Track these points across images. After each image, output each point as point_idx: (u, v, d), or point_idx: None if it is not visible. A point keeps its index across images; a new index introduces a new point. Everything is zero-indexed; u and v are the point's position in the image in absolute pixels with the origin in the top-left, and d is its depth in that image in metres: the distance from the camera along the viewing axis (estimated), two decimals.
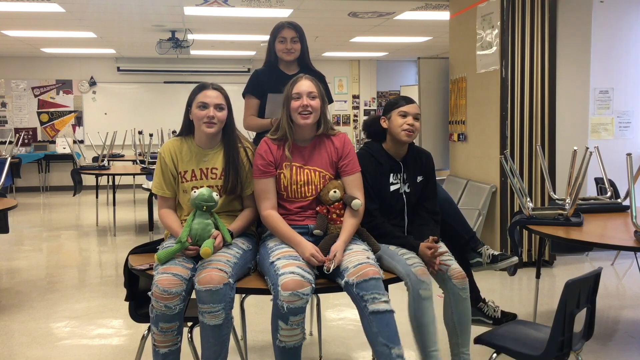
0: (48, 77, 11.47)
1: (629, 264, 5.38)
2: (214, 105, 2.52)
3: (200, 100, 2.53)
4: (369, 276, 2.24)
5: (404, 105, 2.67)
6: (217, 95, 2.55)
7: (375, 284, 2.24)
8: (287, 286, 2.16)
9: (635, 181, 3.16)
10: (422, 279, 2.42)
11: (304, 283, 2.19)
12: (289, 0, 6.46)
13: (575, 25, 5.59)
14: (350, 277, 2.25)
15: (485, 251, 2.82)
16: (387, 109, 2.72)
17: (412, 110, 2.66)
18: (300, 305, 2.17)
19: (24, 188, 11.17)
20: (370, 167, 2.68)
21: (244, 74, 11.54)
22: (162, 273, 2.28)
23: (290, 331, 2.20)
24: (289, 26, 3.27)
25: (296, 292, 2.16)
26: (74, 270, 5.45)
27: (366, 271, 2.25)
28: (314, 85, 2.55)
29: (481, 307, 2.88)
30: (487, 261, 2.81)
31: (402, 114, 2.65)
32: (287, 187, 2.55)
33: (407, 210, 2.74)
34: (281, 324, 2.19)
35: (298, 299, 2.16)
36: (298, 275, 2.20)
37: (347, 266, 2.30)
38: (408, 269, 2.44)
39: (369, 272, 2.25)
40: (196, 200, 2.42)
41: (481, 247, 2.84)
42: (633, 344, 3.58)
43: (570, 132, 5.58)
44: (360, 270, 2.25)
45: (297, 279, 2.19)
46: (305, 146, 2.60)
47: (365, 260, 2.31)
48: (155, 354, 2.37)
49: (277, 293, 2.18)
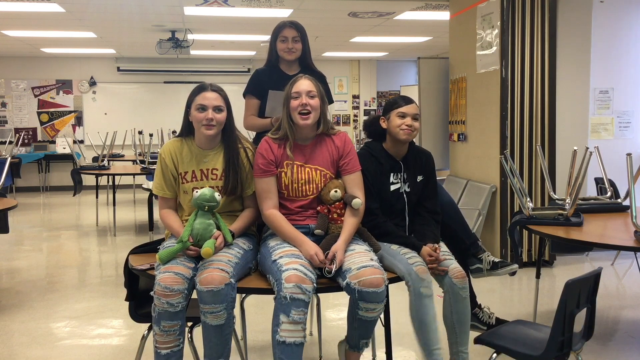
0: (48, 77, 11.47)
1: (629, 264, 5.38)
2: (213, 107, 2.52)
3: (198, 102, 2.53)
4: (374, 287, 2.23)
5: (402, 105, 2.67)
6: (216, 97, 2.54)
7: (376, 296, 2.25)
8: (290, 279, 2.18)
9: (635, 181, 3.16)
10: (422, 277, 2.42)
11: (307, 280, 2.20)
12: (289, 0, 6.46)
13: (575, 25, 5.59)
14: (353, 280, 2.24)
15: (486, 258, 2.81)
16: (386, 109, 2.72)
17: (411, 110, 2.66)
18: (302, 298, 2.17)
19: (24, 188, 11.17)
20: (371, 166, 2.68)
21: (244, 74, 11.54)
22: (164, 272, 2.28)
23: (292, 326, 2.18)
24: (291, 25, 3.27)
25: (299, 285, 2.17)
26: (74, 270, 5.45)
27: (370, 279, 2.23)
28: (313, 84, 2.55)
29: (476, 313, 2.88)
30: (487, 267, 2.80)
31: (401, 115, 2.65)
32: (288, 186, 2.55)
33: (407, 209, 2.74)
34: (282, 317, 2.18)
35: (301, 292, 2.17)
36: (301, 272, 2.22)
37: (349, 267, 2.30)
38: (409, 267, 2.44)
39: (374, 282, 2.23)
40: (198, 200, 2.42)
41: (482, 253, 2.84)
42: (633, 344, 3.58)
43: (570, 132, 5.58)
44: (364, 276, 2.24)
45: (300, 275, 2.20)
46: (306, 145, 2.60)
47: (370, 262, 2.30)
48: (156, 355, 2.36)
49: (281, 286, 2.18)
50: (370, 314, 2.31)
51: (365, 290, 2.22)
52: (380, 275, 2.26)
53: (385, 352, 2.58)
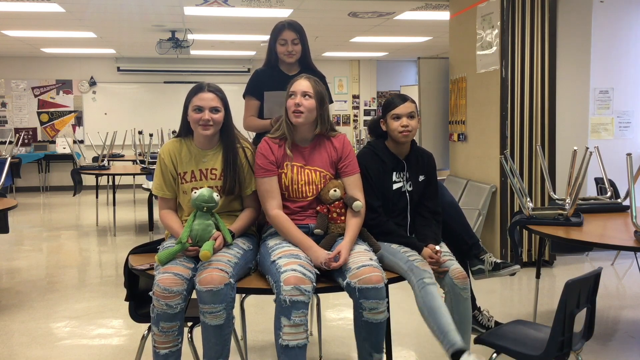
0: (48, 77, 11.47)
1: (629, 264, 5.38)
2: (210, 108, 2.51)
3: (195, 103, 2.52)
4: (373, 283, 2.23)
5: (396, 106, 2.66)
6: (213, 97, 2.53)
7: (377, 293, 2.25)
8: (289, 281, 2.18)
9: (635, 181, 3.16)
10: (424, 269, 2.43)
11: (306, 280, 2.20)
12: (289, 0, 6.46)
13: (575, 25, 5.59)
14: (353, 279, 2.25)
15: (488, 259, 2.80)
16: (383, 112, 2.72)
17: (405, 110, 2.64)
18: (302, 300, 2.17)
19: (24, 188, 11.17)
20: (374, 165, 2.68)
21: (244, 74, 11.54)
22: (164, 272, 2.28)
23: (293, 328, 2.18)
24: (289, 27, 3.22)
25: (298, 287, 2.17)
26: (74, 270, 5.45)
27: (370, 277, 2.24)
28: (311, 85, 2.54)
29: (476, 315, 2.87)
30: (489, 268, 2.80)
31: (395, 117, 2.65)
32: (289, 187, 2.55)
33: (409, 209, 2.74)
34: (284, 320, 2.18)
35: (300, 294, 2.17)
36: (299, 272, 2.21)
37: (349, 267, 2.30)
38: (410, 263, 2.45)
39: (373, 279, 2.24)
40: (196, 201, 2.42)
41: (484, 254, 2.83)
42: (633, 344, 3.58)
43: (570, 132, 5.58)
44: (364, 274, 2.25)
45: (298, 275, 2.20)
46: (305, 147, 2.60)
47: (369, 262, 2.31)
48: (155, 355, 2.36)
49: (280, 289, 2.18)
50: (375, 315, 2.29)
51: (365, 287, 2.23)
52: (379, 273, 2.27)
53: (385, 352, 2.58)
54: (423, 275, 2.42)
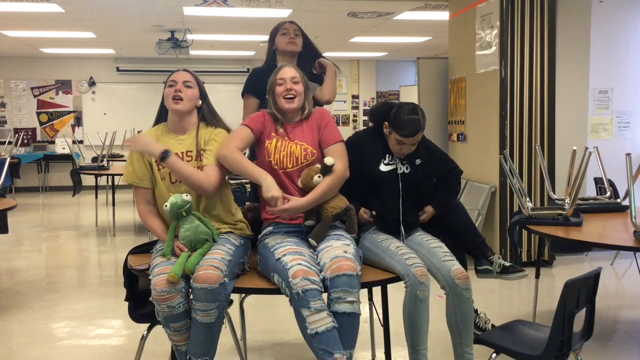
0: (47, 77, 11.47)
1: (629, 264, 5.38)
2: (182, 81, 2.59)
3: (170, 79, 2.62)
4: (342, 271, 2.23)
5: (405, 136, 2.61)
6: (186, 74, 2.64)
7: (346, 281, 2.22)
8: (297, 274, 2.20)
9: (634, 181, 3.16)
10: (421, 281, 2.43)
11: (312, 272, 2.23)
12: (289, 0, 6.46)
13: (574, 25, 5.59)
14: (327, 272, 2.26)
15: (497, 260, 2.79)
16: (392, 122, 2.65)
17: (410, 141, 2.64)
18: (313, 288, 2.18)
19: (23, 188, 11.16)
20: (366, 143, 2.72)
21: (244, 74, 11.53)
22: (158, 275, 2.29)
23: (316, 315, 2.17)
24: (290, 22, 3.40)
25: (306, 277, 2.19)
26: (73, 270, 5.44)
27: (339, 265, 2.25)
28: (297, 72, 2.65)
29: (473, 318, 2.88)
30: (498, 270, 2.79)
31: (399, 142, 2.65)
32: (272, 154, 2.55)
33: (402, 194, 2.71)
34: (304, 311, 2.17)
35: (310, 283, 2.18)
36: (305, 266, 2.24)
37: (325, 262, 2.31)
38: (407, 269, 2.44)
39: (343, 267, 2.24)
40: (171, 211, 2.40)
41: (492, 255, 2.83)
42: (632, 344, 3.58)
43: (570, 132, 5.58)
44: (334, 264, 2.26)
45: (304, 268, 2.23)
46: (288, 124, 2.65)
47: (342, 254, 2.30)
48: (178, 353, 2.39)
49: (290, 284, 2.20)
50: (344, 306, 2.21)
51: (336, 275, 2.22)
52: (352, 264, 2.26)
53: (385, 352, 2.58)
54: (417, 288, 2.43)
